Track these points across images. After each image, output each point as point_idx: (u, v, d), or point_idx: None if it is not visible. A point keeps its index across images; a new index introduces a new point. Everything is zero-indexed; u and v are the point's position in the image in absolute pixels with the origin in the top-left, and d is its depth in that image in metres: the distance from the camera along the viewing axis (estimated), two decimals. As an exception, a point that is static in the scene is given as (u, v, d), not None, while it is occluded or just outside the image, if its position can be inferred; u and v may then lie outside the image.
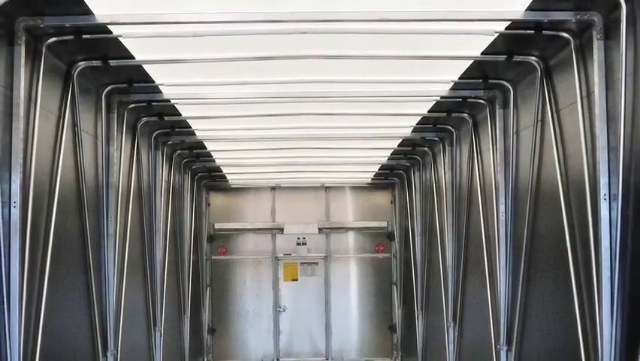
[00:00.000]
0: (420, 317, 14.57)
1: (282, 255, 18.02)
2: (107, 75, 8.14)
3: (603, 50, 6.09)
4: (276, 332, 17.97)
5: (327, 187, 17.88)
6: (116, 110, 9.00)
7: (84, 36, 6.59)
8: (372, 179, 17.09)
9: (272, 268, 18.01)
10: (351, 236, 18.16)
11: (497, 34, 6.80)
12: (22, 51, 6.15)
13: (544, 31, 6.61)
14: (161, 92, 8.91)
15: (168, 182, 12.72)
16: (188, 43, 7.00)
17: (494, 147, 9.12)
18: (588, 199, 6.28)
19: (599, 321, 6.00)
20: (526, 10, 6.18)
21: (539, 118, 7.59)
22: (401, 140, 12.45)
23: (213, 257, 17.87)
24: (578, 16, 6.17)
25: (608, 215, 5.96)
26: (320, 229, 17.90)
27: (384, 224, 17.95)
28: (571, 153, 6.85)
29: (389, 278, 17.94)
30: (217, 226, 17.84)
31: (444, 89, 9.06)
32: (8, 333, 5.83)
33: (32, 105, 6.45)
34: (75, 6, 6.00)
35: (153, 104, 9.42)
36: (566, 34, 6.62)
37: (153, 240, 11.44)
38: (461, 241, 11.13)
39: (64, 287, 7.30)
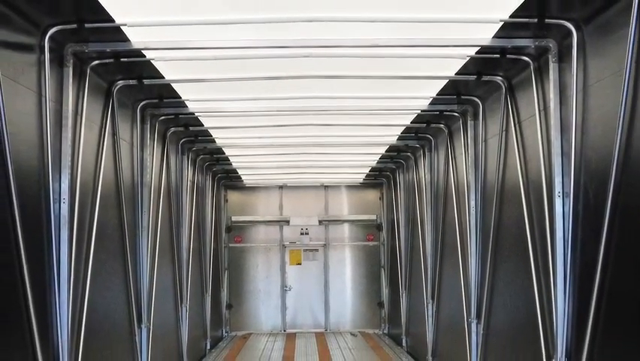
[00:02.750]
0: (404, 295, 14.56)
1: (288, 243, 18.01)
2: (142, 92, 8.13)
3: (557, 71, 6.11)
4: (283, 307, 17.96)
5: (325, 186, 17.88)
6: (148, 122, 8.98)
7: (122, 59, 6.61)
8: (363, 179, 17.10)
9: (279, 254, 18.00)
10: (346, 227, 18.16)
11: (468, 57, 6.82)
12: (70, 72, 6.16)
13: (508, 55, 6.62)
14: (187, 107, 8.90)
15: (192, 182, 12.72)
16: (210, 65, 7.02)
17: (466, 152, 9.10)
18: (545, 196, 6.28)
19: (554, 298, 6.01)
20: (493, 37, 6.19)
21: (504, 128, 7.56)
22: (388, 146, 12.43)
23: (230, 245, 17.87)
24: (537, 43, 6.18)
25: (561, 210, 5.97)
26: (320, 221, 17.90)
27: (373, 217, 17.95)
28: (530, 157, 6.82)
29: (378, 262, 17.95)
30: (234, 218, 17.82)
31: (424, 104, 9.04)
32: (59, 309, 5.84)
33: (78, 117, 6.45)
34: (114, 34, 6.00)
35: (180, 116, 9.43)
36: (526, 58, 6.62)
37: (180, 230, 11.43)
38: (438, 231, 11.12)
39: (105, 270, 7.27)
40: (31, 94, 5.48)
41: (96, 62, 6.58)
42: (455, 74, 7.43)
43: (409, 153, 13.07)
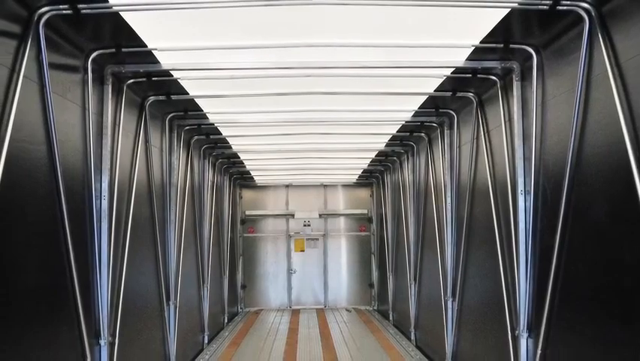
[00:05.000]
0: (390, 277, 14.55)
1: (293, 233, 17.97)
2: (170, 106, 8.11)
3: (520, 88, 6.10)
4: (289, 287, 17.92)
5: (325, 185, 17.83)
6: (175, 131, 8.97)
7: (153, 78, 6.60)
8: (356, 179, 17.07)
9: (286, 242, 17.97)
10: (342, 220, 18.12)
11: (445, 77, 6.80)
12: (109, 89, 6.15)
13: (478, 75, 6.60)
14: (208, 118, 8.88)
15: (212, 182, 12.71)
16: (227, 83, 7.01)
17: (443, 157, 9.08)
18: (509, 194, 6.27)
19: (517, 279, 6.01)
20: (466, 60, 6.19)
21: (475, 136, 7.55)
22: (377, 151, 12.41)
23: (244, 235, 17.83)
24: (503, 64, 6.18)
25: (523, 205, 5.97)
26: (320, 215, 17.86)
27: (365, 211, 17.91)
28: (497, 161, 6.81)
29: (369, 250, 17.92)
30: (247, 212, 17.79)
31: (408, 116, 9.01)
32: (100, 289, 5.86)
33: (116, 127, 6.44)
34: (147, 57, 6.01)
35: (202, 126, 9.40)
36: (494, 77, 6.60)
37: (202, 223, 11.41)
38: (419, 223, 11.10)
39: (139, 256, 7.28)
40: (77, 108, 5.50)
41: (131, 80, 6.59)
42: (434, 90, 7.43)
43: (394, 158, 13.06)
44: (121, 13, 4.84)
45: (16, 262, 4.37)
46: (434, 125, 9.37)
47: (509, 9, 4.84)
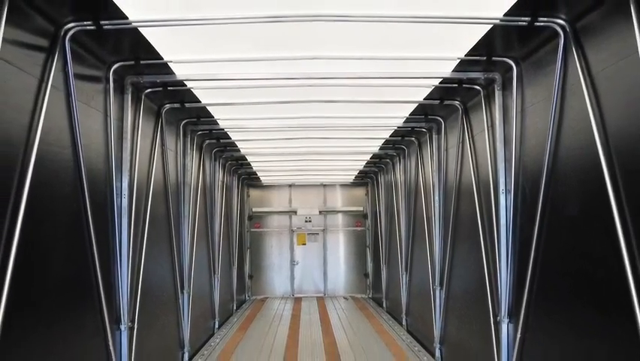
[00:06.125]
0: (384, 268, 14.55)
1: (295, 228, 17.96)
2: (184, 113, 8.11)
3: (501, 97, 6.10)
4: (292, 277, 17.91)
5: (324, 185, 17.82)
6: (189, 135, 8.97)
7: (168, 88, 6.60)
8: (353, 179, 17.08)
9: (289, 236, 17.95)
10: (340, 216, 18.12)
11: (434, 86, 6.80)
12: (129, 98, 6.16)
13: (463, 85, 6.59)
14: (218, 124, 8.88)
15: (222, 181, 12.70)
16: (236, 92, 7.00)
17: (432, 159, 9.08)
18: (492, 192, 6.27)
19: (499, 270, 6.01)
20: (452, 71, 6.19)
21: (460, 140, 7.55)
22: (372, 154, 12.41)
23: (252, 230, 17.83)
24: (486, 75, 6.17)
25: (504, 202, 5.97)
26: (320, 212, 17.85)
27: (361, 208, 17.91)
28: (481, 162, 6.81)
29: (364, 243, 17.92)
30: (254, 209, 17.78)
31: (399, 122, 9.02)
32: (120, 278, 5.86)
33: (135, 132, 6.44)
34: (163, 69, 6.01)
35: (213, 131, 9.40)
36: (477, 87, 6.60)
37: (213, 218, 11.42)
38: (410, 219, 11.10)
39: (156, 249, 7.29)
40: (99, 114, 5.50)
41: (149, 89, 6.59)
42: (423, 99, 7.42)
43: (387, 160, 13.07)
44: (139, 28, 4.84)
45: (45, 253, 4.38)
46: (423, 130, 9.36)
47: (492, 25, 4.84)
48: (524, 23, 4.65)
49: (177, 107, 7.50)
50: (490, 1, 4.41)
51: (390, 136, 10.21)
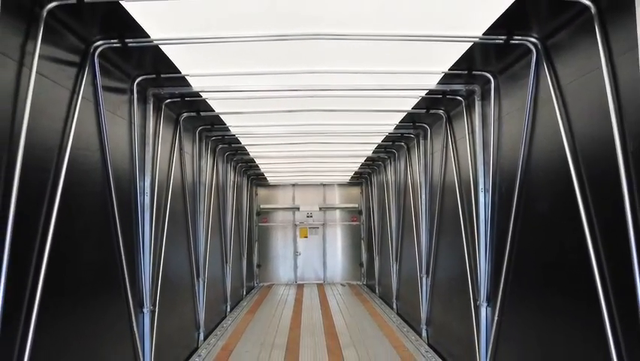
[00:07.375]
0: (377, 258, 14.55)
1: (298, 223, 17.95)
2: (200, 120, 8.12)
3: (481, 106, 6.10)
4: (295, 266, 17.91)
5: (324, 184, 17.82)
6: (204, 141, 8.97)
7: (186, 98, 6.60)
8: (349, 179, 17.08)
9: (293, 230, 17.95)
10: (337, 212, 18.11)
11: (421, 97, 6.80)
12: (150, 107, 6.15)
13: (447, 96, 6.60)
14: (230, 130, 8.88)
15: (234, 181, 12.71)
16: (246, 102, 6.99)
17: (419, 161, 9.08)
18: (472, 191, 6.27)
19: (478, 259, 6.03)
20: (437, 83, 6.18)
21: (444, 145, 7.56)
22: (366, 157, 12.41)
23: (260, 224, 17.82)
24: (467, 87, 6.18)
25: (483, 200, 5.98)
26: (320, 208, 17.85)
27: (356, 205, 17.90)
28: (462, 165, 6.82)
29: (359, 236, 17.92)
30: (262, 206, 17.78)
31: (390, 129, 9.02)
32: (143, 267, 5.86)
33: (156, 138, 6.44)
34: (181, 81, 6.01)
35: (225, 137, 9.40)
36: (459, 98, 6.61)
37: (225, 214, 11.42)
38: (400, 215, 11.11)
39: (175, 241, 7.30)
40: (124, 122, 5.51)
41: (168, 100, 6.60)
42: (412, 108, 7.43)
43: (380, 162, 13.07)
44: (160, 46, 4.86)
45: (77, 244, 4.40)
46: (412, 136, 9.38)
47: (472, 42, 4.85)
48: (501, 41, 4.66)
49: (194, 116, 7.50)
50: (470, 21, 4.43)
51: (382, 141, 10.22)
